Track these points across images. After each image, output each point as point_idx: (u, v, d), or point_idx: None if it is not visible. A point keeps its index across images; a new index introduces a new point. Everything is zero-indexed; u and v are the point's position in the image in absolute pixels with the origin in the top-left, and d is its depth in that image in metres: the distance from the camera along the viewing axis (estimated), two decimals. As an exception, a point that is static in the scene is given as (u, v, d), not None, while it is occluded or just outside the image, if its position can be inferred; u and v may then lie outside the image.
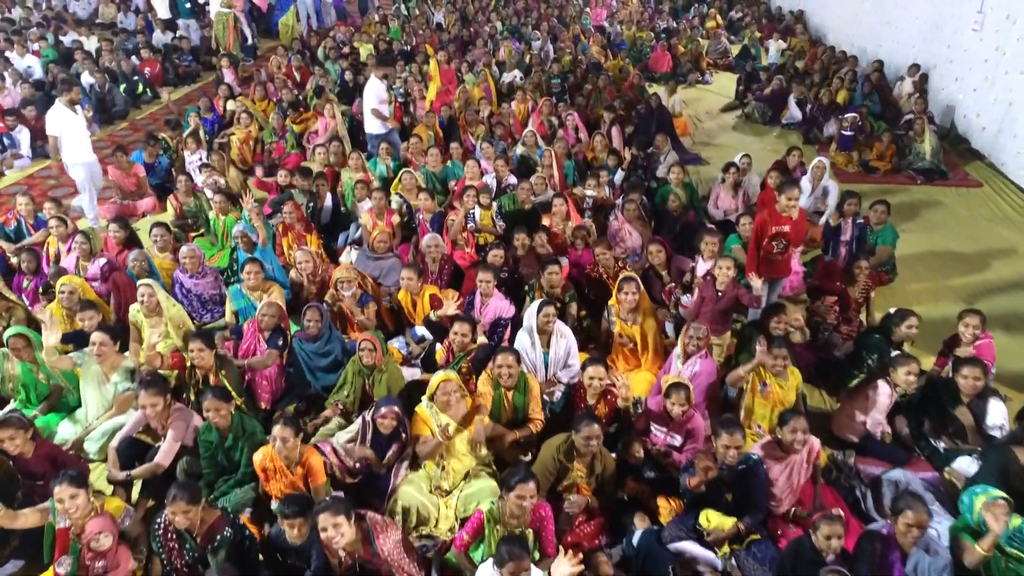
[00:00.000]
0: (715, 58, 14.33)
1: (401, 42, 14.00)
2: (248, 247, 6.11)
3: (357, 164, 7.60)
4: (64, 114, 7.07)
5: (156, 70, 12.39)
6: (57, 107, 7.11)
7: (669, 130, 9.78)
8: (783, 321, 4.69)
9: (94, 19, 17.96)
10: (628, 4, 17.95)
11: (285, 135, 9.26)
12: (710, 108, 12.03)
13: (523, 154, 8.52)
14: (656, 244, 5.84)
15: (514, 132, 9.74)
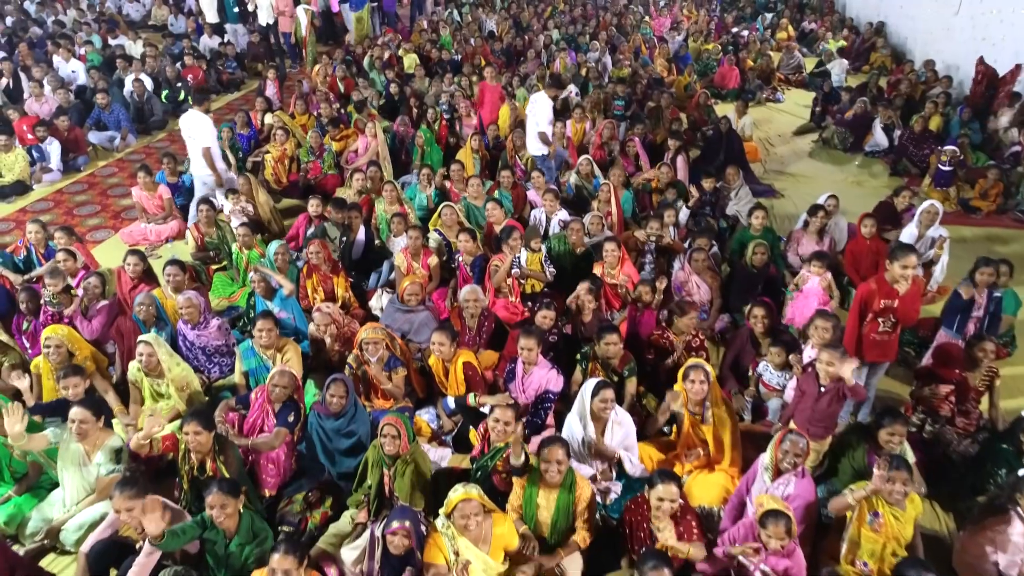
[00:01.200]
0: (787, 74, 13.24)
1: (451, 51, 13.34)
2: (266, 293, 5.47)
3: (392, 196, 6.90)
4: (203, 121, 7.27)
5: (199, 77, 11.99)
6: (194, 115, 7.28)
7: (740, 159, 8.85)
8: (898, 433, 3.78)
9: (147, 21, 17.91)
10: (693, 13, 16.94)
11: (323, 154, 8.66)
12: (782, 130, 11.00)
13: (577, 184, 7.72)
14: (761, 307, 4.95)
15: (567, 157, 8.95)
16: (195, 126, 7.32)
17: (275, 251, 5.73)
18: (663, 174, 7.43)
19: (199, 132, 7.31)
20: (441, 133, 9.50)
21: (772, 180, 9.12)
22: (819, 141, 10.37)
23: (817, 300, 5.48)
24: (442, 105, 10.22)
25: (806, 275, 5.60)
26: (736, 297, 5.94)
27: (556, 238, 6.33)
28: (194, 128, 7.33)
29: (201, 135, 7.31)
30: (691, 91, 11.85)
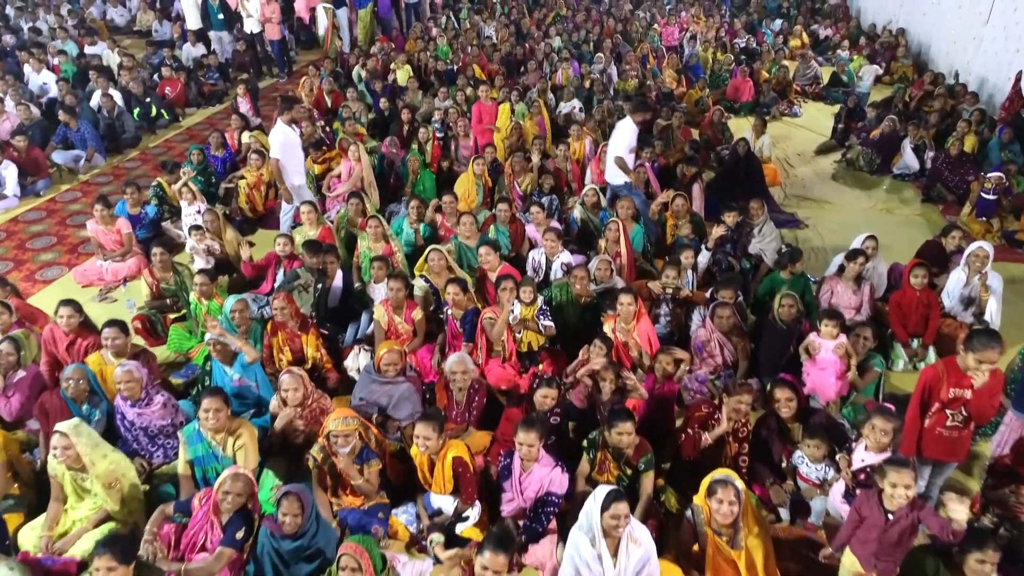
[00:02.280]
0: (803, 85, 12.46)
1: (447, 61, 12.57)
2: (225, 357, 4.71)
3: (376, 233, 6.14)
4: (286, 134, 6.75)
5: (178, 90, 11.24)
6: (278, 127, 6.76)
7: (760, 185, 8.11)
8: (991, 560, 3.01)
9: (131, 27, 17.18)
10: (701, 19, 16.14)
11: (301, 179, 7.88)
12: (802, 149, 10.21)
13: (581, 218, 6.96)
14: (785, 388, 4.18)
15: (571, 180, 8.19)
16: (272, 136, 6.82)
17: (231, 309, 4.97)
18: (678, 206, 6.66)
19: (272, 142, 6.82)
20: (433, 155, 8.73)
21: (794, 207, 8.35)
22: (842, 162, 9.59)
23: (834, 371, 4.70)
24: (435, 123, 9.46)
25: (817, 342, 4.81)
26: (766, 359, 5.17)
27: (558, 286, 5.57)
28: (272, 138, 6.88)
29: (272, 146, 6.77)
30: (703, 105, 11.09)
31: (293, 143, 6.89)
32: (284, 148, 6.77)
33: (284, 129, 6.75)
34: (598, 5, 18.91)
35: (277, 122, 6.80)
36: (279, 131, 6.73)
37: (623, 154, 6.95)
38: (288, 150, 6.82)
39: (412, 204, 6.56)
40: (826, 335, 4.71)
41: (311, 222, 6.35)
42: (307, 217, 6.33)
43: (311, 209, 6.33)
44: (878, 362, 4.82)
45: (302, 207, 6.35)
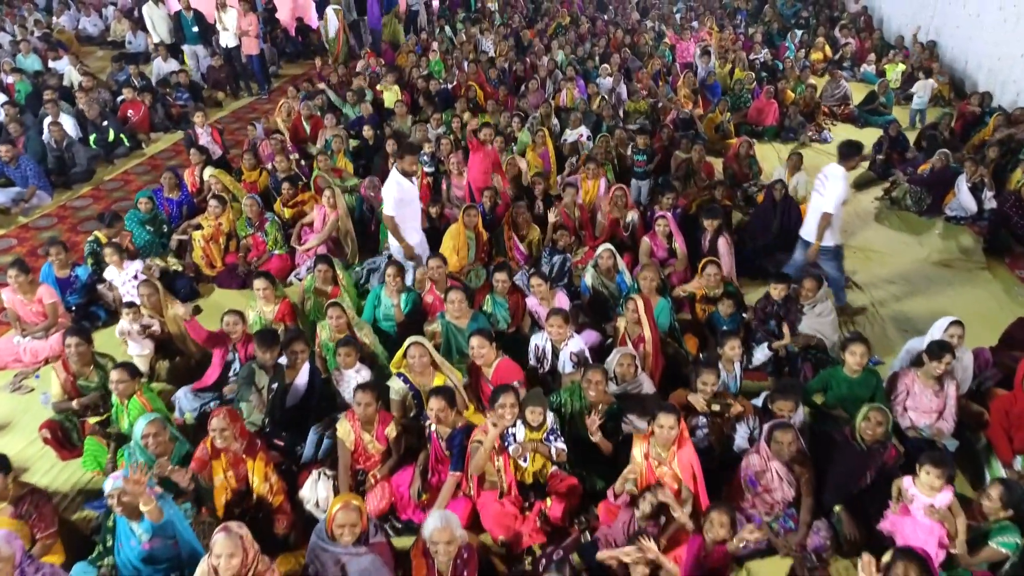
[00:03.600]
0: (831, 105, 11.34)
1: (440, 79, 11.45)
2: (131, 512, 3.58)
3: (339, 324, 4.98)
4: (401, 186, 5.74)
5: (141, 113, 10.13)
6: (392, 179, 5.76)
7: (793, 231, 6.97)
8: None
9: (106, 37, 16.08)
10: (715, 31, 15.02)
11: (263, 226, 6.77)
12: (837, 183, 9.08)
13: (594, 284, 5.85)
14: (913, 566, 3.03)
15: (580, 228, 7.07)
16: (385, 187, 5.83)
17: (143, 432, 3.84)
18: (711, 276, 5.54)
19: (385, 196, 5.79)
20: (421, 197, 7.60)
21: (837, 258, 7.24)
22: (885, 199, 8.48)
23: (931, 534, 3.58)
24: (423, 157, 8.33)
25: (910, 492, 3.70)
26: (833, 489, 4.06)
27: (568, 391, 4.46)
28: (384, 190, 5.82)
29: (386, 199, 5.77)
30: (723, 131, 9.98)
31: (410, 197, 5.86)
32: (400, 204, 5.73)
33: (399, 180, 5.71)
34: (603, 14, 17.83)
35: (392, 172, 5.77)
36: (393, 184, 5.69)
37: (834, 210, 5.79)
38: (404, 206, 5.80)
39: (389, 272, 5.43)
40: (924, 486, 3.59)
41: (267, 298, 5.24)
42: (262, 293, 5.21)
43: (266, 285, 5.21)
44: (1008, 541, 3.52)
45: (256, 283, 5.23)
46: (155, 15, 11.92)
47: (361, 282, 6.54)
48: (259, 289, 5.21)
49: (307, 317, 5.62)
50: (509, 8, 17.65)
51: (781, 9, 17.59)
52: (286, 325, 5.22)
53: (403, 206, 5.81)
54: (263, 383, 4.53)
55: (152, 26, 11.93)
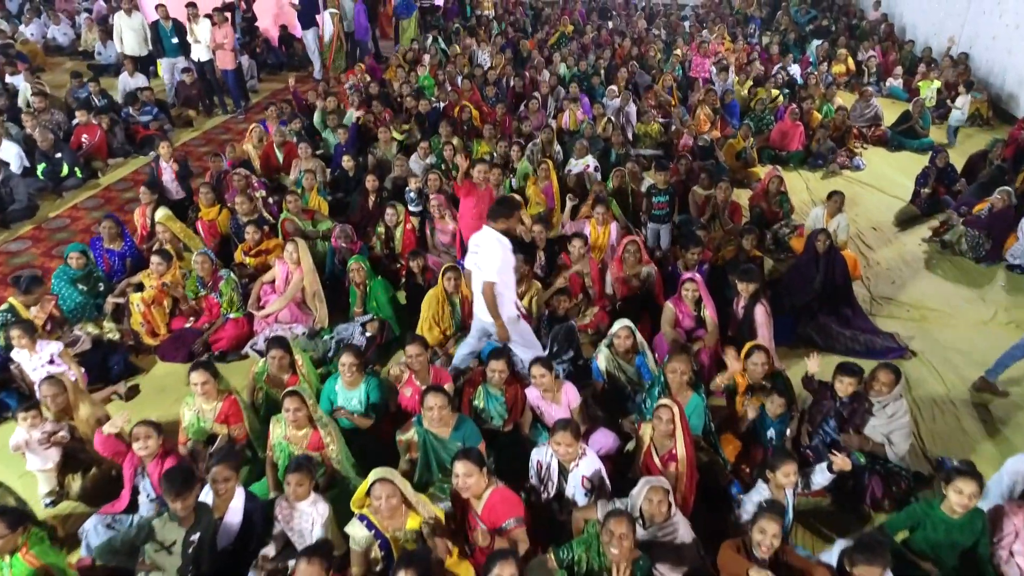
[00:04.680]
0: (860, 126, 10.31)
1: (432, 98, 10.42)
2: None
3: (298, 418, 3.96)
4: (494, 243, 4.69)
5: (97, 138, 9.08)
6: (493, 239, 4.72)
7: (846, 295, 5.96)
8: None
9: (76, 47, 15.05)
10: (727, 42, 13.98)
11: (216, 285, 5.73)
12: (877, 219, 8.07)
13: (609, 370, 4.81)
14: None
15: (589, 286, 6.03)
16: (485, 248, 4.72)
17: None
18: (758, 369, 4.48)
19: (487, 258, 4.67)
20: (404, 246, 6.60)
21: (886, 316, 6.22)
22: (935, 241, 7.46)
23: None
24: (410, 194, 7.31)
25: None
26: None
27: (583, 544, 3.43)
28: (483, 251, 4.73)
29: (489, 263, 4.66)
30: (746, 159, 8.95)
31: (510, 258, 4.86)
32: (505, 268, 4.75)
33: (501, 240, 4.72)
34: (606, 22, 16.79)
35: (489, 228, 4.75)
36: (496, 243, 4.68)
37: None
38: (508, 271, 4.82)
39: (343, 360, 4.39)
40: None
41: (207, 394, 4.20)
42: (200, 389, 4.17)
43: (206, 379, 4.17)
44: None
45: (192, 377, 4.18)
46: (125, 25, 10.84)
47: (329, 355, 5.51)
48: (197, 384, 4.17)
49: (258, 412, 4.57)
50: (507, 15, 16.60)
51: (796, 17, 16.58)
52: (229, 432, 4.18)
53: (507, 271, 4.82)
54: (172, 538, 3.46)
55: (119, 37, 10.85)
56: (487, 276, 4.65)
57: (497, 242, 4.68)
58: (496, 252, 4.66)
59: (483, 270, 4.67)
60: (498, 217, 4.72)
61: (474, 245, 4.82)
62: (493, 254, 4.65)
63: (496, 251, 4.66)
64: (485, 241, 4.71)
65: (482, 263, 4.68)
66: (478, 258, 4.73)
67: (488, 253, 4.66)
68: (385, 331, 5.60)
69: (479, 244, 4.76)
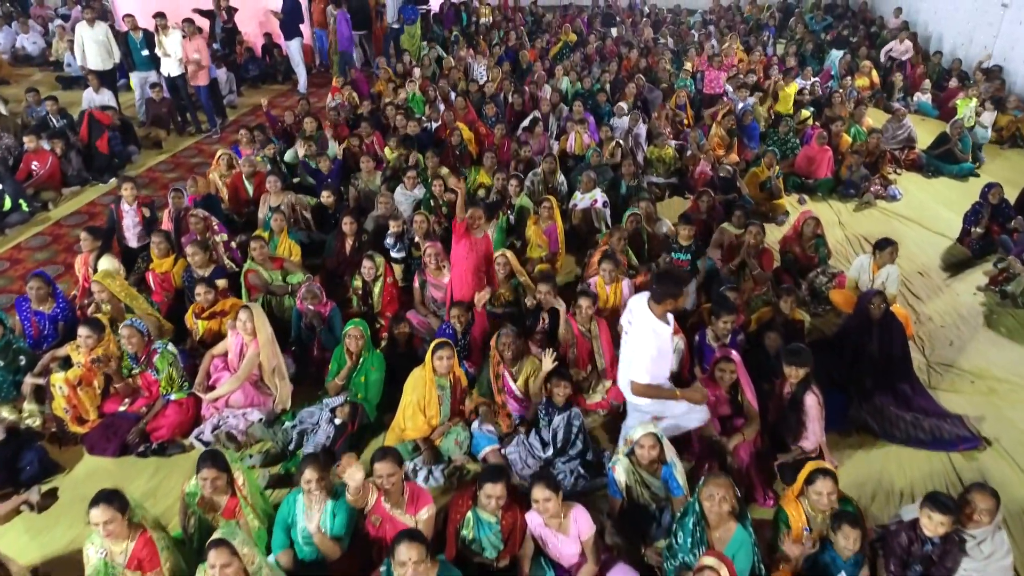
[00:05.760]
0: (893, 148, 9.40)
1: (421, 116, 9.50)
2: None
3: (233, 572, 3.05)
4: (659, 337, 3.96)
5: (49, 165, 8.14)
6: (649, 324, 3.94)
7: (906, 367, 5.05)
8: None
9: (47, 57, 14.16)
10: (740, 52, 13.05)
11: (153, 359, 4.79)
12: (922, 262, 7.14)
13: (629, 485, 3.88)
14: None
15: (598, 356, 5.11)
16: (638, 334, 3.92)
17: None
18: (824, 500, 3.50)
19: (639, 350, 3.89)
20: (384, 306, 5.67)
21: (950, 392, 5.29)
22: (993, 291, 6.54)
23: None
24: (388, 240, 6.38)
25: None
26: None
27: None
28: (635, 336, 3.94)
29: (640, 357, 3.88)
30: (771, 189, 8.02)
31: (666, 348, 3.99)
32: (659, 358, 3.92)
33: (657, 329, 3.88)
34: (610, 28, 15.87)
35: (642, 302, 3.91)
36: (650, 333, 3.86)
37: None
38: (663, 361, 3.96)
39: (306, 476, 3.47)
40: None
41: (113, 534, 3.28)
42: (104, 529, 3.25)
43: (111, 516, 3.24)
44: None
45: (92, 515, 3.25)
46: (87, 36, 9.88)
47: (290, 447, 4.59)
48: (99, 524, 3.24)
49: (191, 542, 3.65)
50: (506, 23, 15.68)
51: (810, 24, 15.68)
52: (143, 583, 3.26)
53: (661, 361, 4.00)
54: None
55: (81, 50, 9.94)
56: (635, 375, 3.89)
57: (653, 333, 3.82)
58: (650, 344, 3.83)
59: (632, 365, 3.90)
60: (663, 298, 3.85)
61: (628, 314, 4.12)
62: (646, 345, 3.83)
63: (650, 343, 3.83)
64: (640, 325, 3.87)
65: (632, 353, 3.89)
66: (626, 334, 4.11)
67: (641, 342, 3.84)
68: (358, 416, 4.67)
69: (632, 322, 4.00)
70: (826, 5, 17.32)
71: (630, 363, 3.92)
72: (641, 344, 3.87)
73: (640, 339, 3.87)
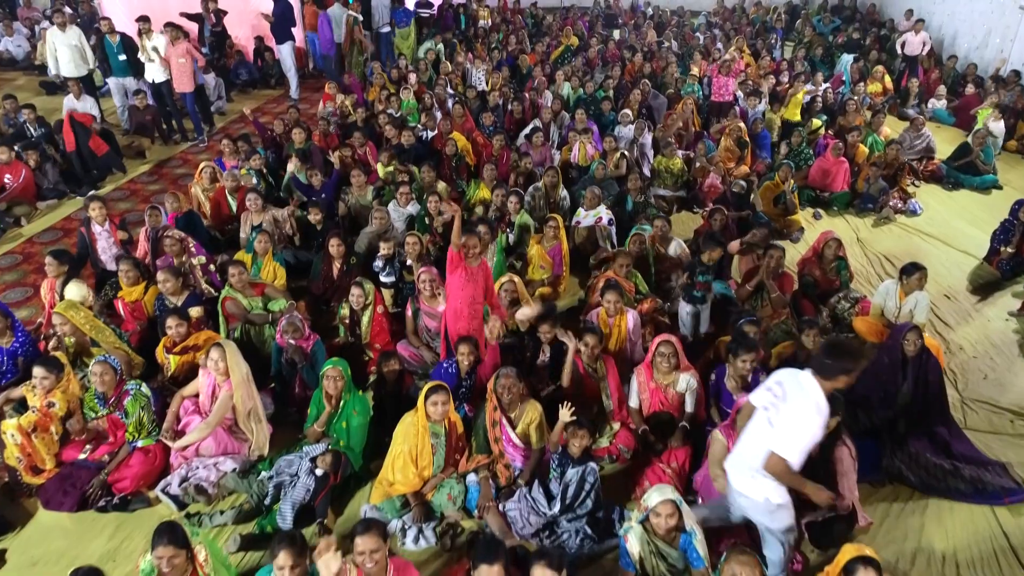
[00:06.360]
0: (911, 159, 8.96)
1: (416, 124, 9.08)
2: None
3: None
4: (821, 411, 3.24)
5: (23, 178, 7.70)
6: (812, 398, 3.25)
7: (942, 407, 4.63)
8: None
9: (32, 60, 13.70)
10: (747, 56, 12.61)
11: (123, 401, 4.36)
12: (948, 283, 6.72)
13: (644, 556, 3.44)
14: None
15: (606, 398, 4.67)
16: (795, 408, 3.25)
17: None
18: None
19: (794, 426, 3.24)
20: (374, 341, 5.23)
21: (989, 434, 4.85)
22: (1026, 316, 6.12)
23: None
24: (376, 263, 5.94)
25: None
26: None
27: None
28: (790, 410, 3.27)
29: (794, 433, 3.23)
30: (785, 203, 7.59)
31: (820, 431, 3.29)
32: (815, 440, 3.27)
33: (820, 407, 3.20)
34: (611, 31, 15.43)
35: (810, 384, 3.25)
36: (811, 411, 3.20)
37: None
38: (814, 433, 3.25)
39: (279, 563, 3.02)
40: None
41: None
42: None
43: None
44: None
45: None
46: (59, 41, 9.47)
47: (266, 501, 4.15)
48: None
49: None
50: (506, 25, 15.23)
51: (818, 26, 15.23)
52: None
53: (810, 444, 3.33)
54: None
55: (53, 56, 9.53)
56: (788, 452, 3.21)
57: (816, 409, 3.20)
58: (814, 423, 3.20)
59: (781, 439, 3.23)
60: (835, 374, 3.19)
61: (776, 386, 3.38)
62: (810, 423, 3.20)
63: (814, 422, 3.20)
64: (803, 401, 3.24)
65: (782, 425, 3.26)
66: (777, 411, 3.31)
67: (803, 419, 3.21)
68: (342, 466, 4.23)
69: (785, 396, 3.31)
70: (833, 7, 16.88)
71: (780, 439, 3.24)
72: (803, 421, 3.21)
73: (802, 415, 3.21)
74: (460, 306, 4.79)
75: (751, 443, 3.40)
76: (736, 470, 3.48)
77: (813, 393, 3.21)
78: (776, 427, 3.27)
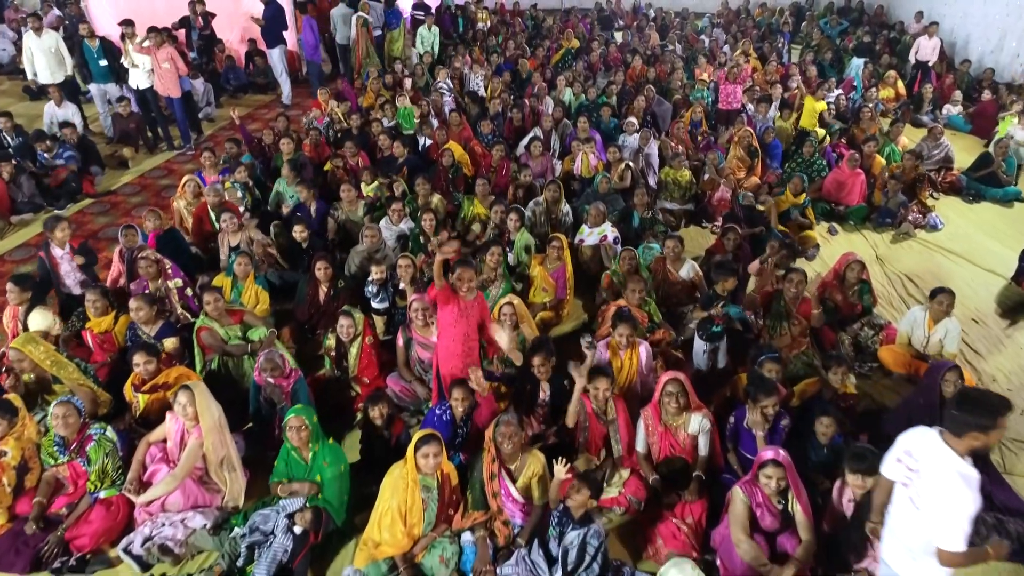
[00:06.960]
0: (930, 169, 8.55)
1: (413, 130, 8.66)
2: None
3: None
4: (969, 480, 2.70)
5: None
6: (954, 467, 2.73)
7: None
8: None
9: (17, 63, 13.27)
10: (754, 60, 12.21)
11: (86, 447, 3.96)
12: (975, 304, 6.30)
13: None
14: None
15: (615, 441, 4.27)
16: (937, 486, 2.76)
17: None
18: None
19: (945, 508, 2.71)
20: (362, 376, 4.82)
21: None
22: (1062, 343, 5.71)
23: None
24: (370, 288, 5.53)
25: None
26: None
27: None
28: (933, 491, 2.79)
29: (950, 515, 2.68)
30: (795, 219, 7.19)
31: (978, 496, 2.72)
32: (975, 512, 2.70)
33: (965, 477, 2.69)
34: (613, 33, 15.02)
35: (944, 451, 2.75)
36: (958, 484, 2.68)
37: None
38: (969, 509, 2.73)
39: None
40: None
41: None
42: None
43: None
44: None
45: None
46: (35, 47, 9.08)
47: (239, 562, 3.74)
48: None
49: None
50: (505, 28, 14.82)
51: (825, 29, 14.84)
52: None
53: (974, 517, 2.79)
54: None
55: (29, 61, 9.14)
56: (950, 544, 2.68)
57: (962, 481, 2.67)
58: (962, 499, 2.66)
59: (940, 530, 2.72)
60: (969, 429, 2.69)
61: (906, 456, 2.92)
62: (959, 498, 2.67)
63: (962, 497, 2.66)
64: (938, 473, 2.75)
65: (930, 508, 2.77)
66: (916, 488, 2.85)
67: (948, 496, 2.70)
68: (323, 523, 3.82)
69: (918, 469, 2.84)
70: (839, 8, 16.47)
71: (931, 527, 2.77)
72: (953, 501, 2.69)
73: (949, 495, 2.70)
74: (452, 344, 4.36)
75: (902, 525, 2.96)
76: (895, 557, 3.02)
77: (951, 462, 2.72)
78: (923, 510, 2.78)
